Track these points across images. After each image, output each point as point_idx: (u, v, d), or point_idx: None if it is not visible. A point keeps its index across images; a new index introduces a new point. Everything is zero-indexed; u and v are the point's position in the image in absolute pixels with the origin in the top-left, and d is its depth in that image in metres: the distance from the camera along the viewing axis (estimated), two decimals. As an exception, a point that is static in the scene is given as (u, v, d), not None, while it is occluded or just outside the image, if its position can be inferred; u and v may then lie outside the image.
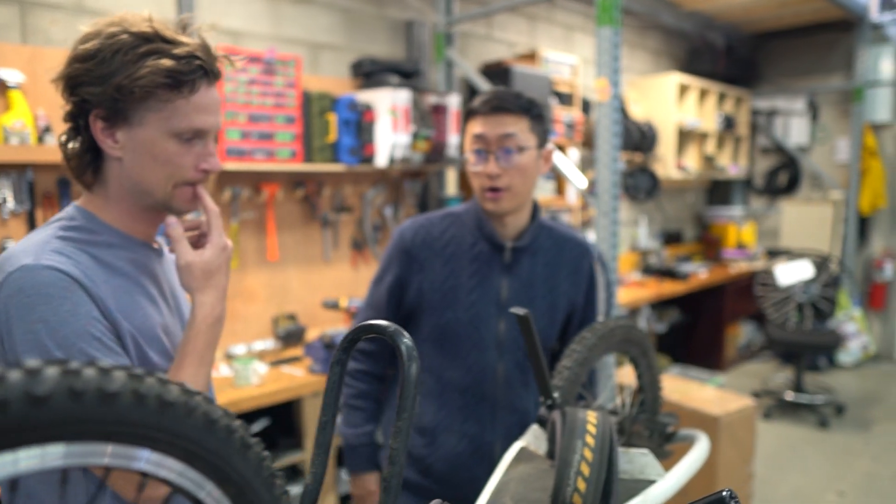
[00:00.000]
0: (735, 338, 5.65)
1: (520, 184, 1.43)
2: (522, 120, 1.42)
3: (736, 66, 5.87)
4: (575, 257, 1.58)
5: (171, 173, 1.01)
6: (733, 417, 2.78)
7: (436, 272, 1.48)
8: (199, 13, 2.93)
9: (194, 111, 0.99)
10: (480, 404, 1.48)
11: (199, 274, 1.03)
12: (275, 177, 3.16)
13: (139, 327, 1.01)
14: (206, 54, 1.00)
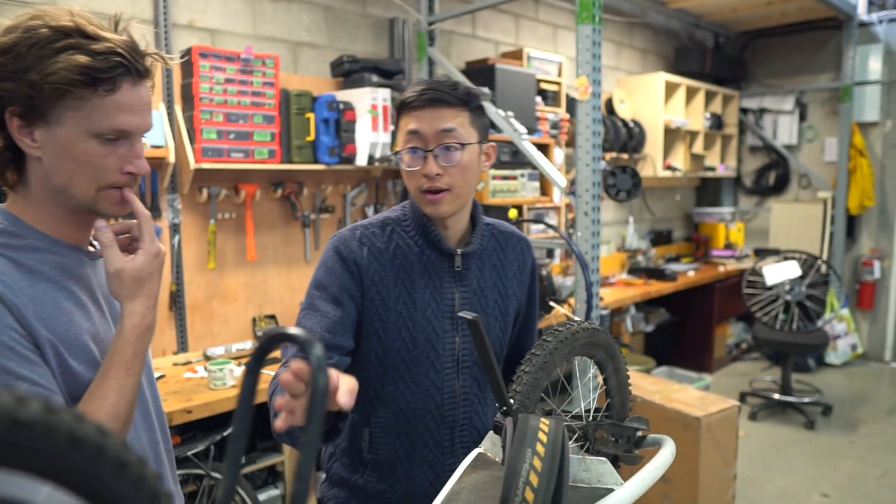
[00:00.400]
0: (724, 338, 5.63)
1: (462, 184, 1.29)
2: (462, 113, 1.28)
3: (724, 65, 5.86)
4: (518, 254, 1.47)
5: (94, 176, 0.96)
6: (714, 419, 2.75)
7: (389, 289, 1.31)
8: (177, 11, 2.90)
9: (116, 110, 0.94)
10: (439, 428, 1.36)
11: (129, 281, 0.98)
12: (253, 176, 3.13)
13: (62, 336, 0.95)
14: (129, 51, 0.94)
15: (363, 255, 1.31)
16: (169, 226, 2.90)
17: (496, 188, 3.82)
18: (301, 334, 0.60)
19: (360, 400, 1.29)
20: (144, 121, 0.99)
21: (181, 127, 2.82)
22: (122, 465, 0.46)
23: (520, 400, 1.18)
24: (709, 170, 5.78)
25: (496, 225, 1.48)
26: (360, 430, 1.36)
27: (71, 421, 0.43)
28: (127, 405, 0.96)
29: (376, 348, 1.32)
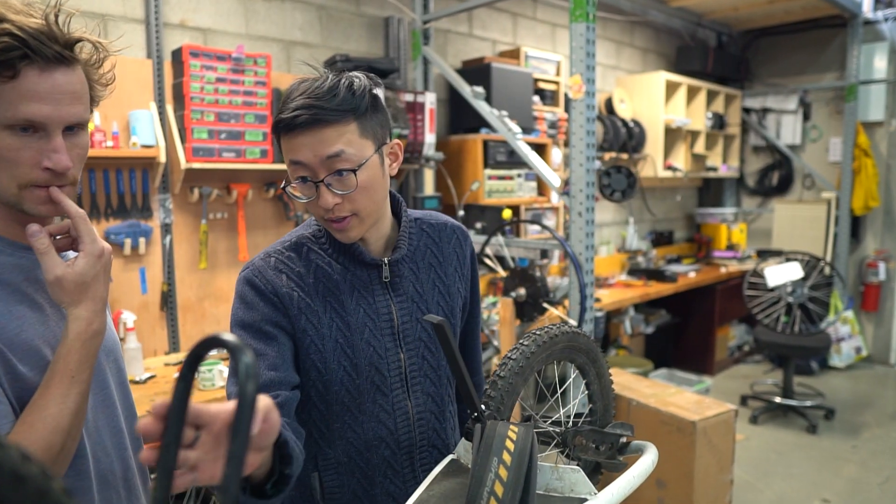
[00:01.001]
0: (725, 340, 5.58)
1: (367, 204, 1.11)
2: (348, 126, 1.07)
3: (726, 64, 5.81)
4: (455, 246, 1.32)
5: (11, 172, 0.91)
6: (710, 423, 2.71)
7: (319, 316, 1.15)
8: (168, 10, 2.88)
9: (21, 99, 0.87)
10: (396, 456, 1.22)
11: (71, 287, 0.93)
12: (245, 176, 3.11)
13: (10, 341, 0.91)
14: (34, 35, 0.87)
15: (282, 283, 1.14)
16: (160, 226, 2.88)
17: (492, 188, 3.78)
18: (231, 340, 0.57)
19: (304, 443, 1.17)
20: (59, 111, 0.91)
21: (172, 126, 2.80)
22: (20, 479, 0.44)
23: (494, 406, 1.14)
24: (711, 170, 5.73)
25: (426, 218, 1.32)
26: (308, 475, 1.20)
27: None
28: (70, 415, 0.90)
29: (317, 383, 1.16)
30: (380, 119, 1.13)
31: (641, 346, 5.30)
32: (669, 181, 5.73)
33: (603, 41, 5.15)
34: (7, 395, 0.89)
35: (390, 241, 1.25)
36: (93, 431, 1.02)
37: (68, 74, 0.92)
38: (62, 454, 0.90)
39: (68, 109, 0.92)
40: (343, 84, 1.07)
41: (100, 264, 0.95)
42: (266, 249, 1.20)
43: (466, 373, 1.01)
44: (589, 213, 2.74)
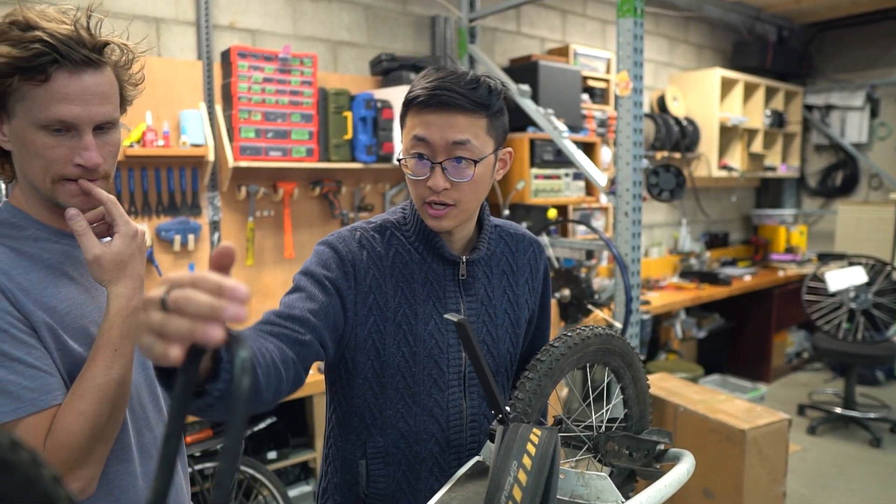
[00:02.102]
0: (783, 346, 5.37)
1: (471, 199, 1.14)
2: (479, 120, 1.09)
3: (787, 59, 5.59)
4: (530, 258, 1.34)
5: (46, 167, 0.97)
6: (762, 432, 2.60)
7: (388, 298, 1.17)
8: (218, 12, 2.94)
9: (53, 100, 0.93)
10: (444, 453, 1.21)
11: (109, 266, 0.99)
12: (291, 174, 3.15)
13: (60, 318, 0.97)
14: (63, 41, 0.92)
15: (362, 259, 1.16)
16: (209, 223, 2.95)
17: (538, 188, 3.73)
18: (232, 332, 0.57)
19: (355, 428, 1.21)
20: (89, 111, 0.96)
21: (221, 126, 2.86)
22: (7, 466, 0.44)
23: (521, 408, 1.12)
24: (769, 170, 5.53)
25: (505, 227, 1.34)
26: (355, 462, 1.21)
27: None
28: (115, 385, 0.96)
29: (375, 365, 1.17)
30: (503, 123, 1.17)
31: (693, 351, 5.15)
32: (724, 181, 5.55)
33: (655, 37, 5.03)
34: (59, 369, 0.96)
35: (470, 242, 1.26)
36: (136, 407, 1.09)
37: (97, 76, 0.97)
38: (110, 423, 0.96)
39: (97, 109, 0.97)
40: (483, 81, 1.11)
41: (134, 244, 1.01)
42: (353, 224, 1.23)
43: (489, 372, 0.98)
44: (636, 213, 2.67)
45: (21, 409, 0.90)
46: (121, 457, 1.04)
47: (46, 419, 0.92)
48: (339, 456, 1.23)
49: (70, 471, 0.92)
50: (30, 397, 0.90)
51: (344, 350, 1.17)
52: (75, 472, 0.93)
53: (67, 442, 0.91)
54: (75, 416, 0.92)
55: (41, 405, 0.91)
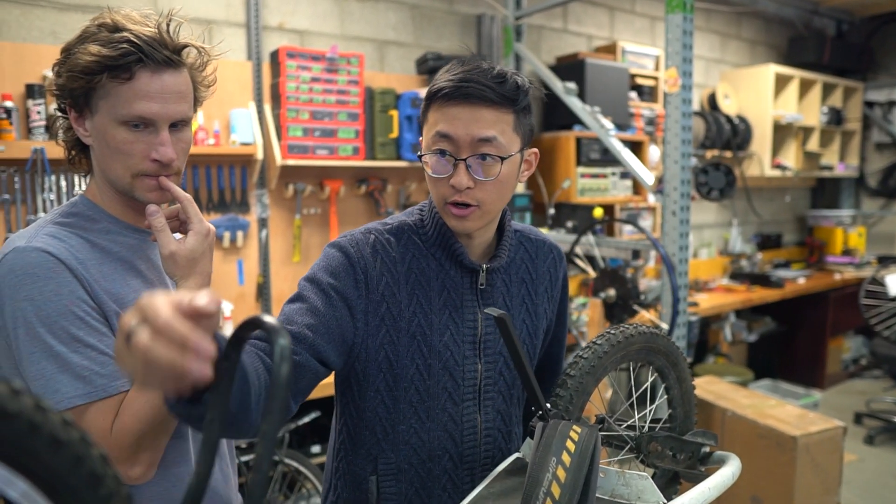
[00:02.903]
0: (838, 352, 5.18)
1: (495, 200, 1.08)
2: (507, 116, 1.03)
3: (846, 54, 5.38)
4: (550, 266, 1.28)
5: (125, 162, 1.02)
6: (814, 439, 2.52)
7: (402, 308, 1.10)
8: (267, 13, 3.00)
9: (135, 98, 0.98)
10: (457, 469, 1.16)
11: (183, 262, 1.04)
12: (337, 173, 3.19)
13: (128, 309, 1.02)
14: (147, 42, 0.98)
15: (375, 265, 1.10)
16: (257, 220, 3.01)
17: (584, 186, 3.70)
18: (270, 321, 0.58)
19: (365, 444, 1.15)
20: (167, 108, 1.01)
21: (269, 125, 2.92)
22: (58, 443, 0.46)
23: (562, 405, 1.11)
24: (825, 169, 5.34)
25: (525, 232, 1.28)
26: (366, 479, 1.15)
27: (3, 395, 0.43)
28: None
29: (387, 377, 1.12)
30: (530, 122, 1.11)
31: (743, 354, 5.01)
32: (778, 181, 5.39)
33: (706, 34, 4.91)
34: None
35: (489, 249, 1.20)
36: None
37: (175, 76, 1.02)
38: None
39: (174, 108, 1.02)
40: (511, 75, 1.05)
41: (206, 242, 1.06)
42: (367, 226, 1.16)
43: (531, 369, 0.98)
44: (683, 213, 2.62)
45: (93, 394, 0.94)
46: (178, 445, 1.09)
47: (114, 404, 0.96)
48: (349, 471, 1.18)
49: (133, 455, 0.96)
50: (101, 383, 0.95)
51: (354, 361, 1.11)
52: (138, 457, 0.96)
53: (132, 427, 0.95)
54: (140, 403, 0.96)
55: (111, 391, 0.96)
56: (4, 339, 0.97)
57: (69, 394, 0.93)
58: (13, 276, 0.95)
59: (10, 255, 0.96)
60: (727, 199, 3.10)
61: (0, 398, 0.43)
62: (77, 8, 2.54)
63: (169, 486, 1.06)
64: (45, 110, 2.37)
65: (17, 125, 2.35)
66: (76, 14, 2.54)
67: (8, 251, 0.97)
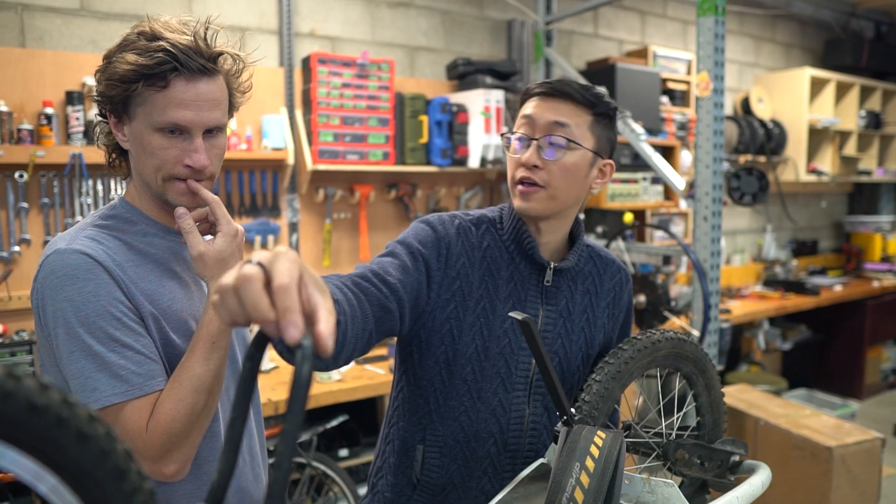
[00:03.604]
0: (877, 362, 5.04)
1: (561, 185, 1.17)
2: (583, 114, 1.17)
3: (885, 57, 5.25)
4: (615, 285, 1.33)
5: (158, 166, 1.04)
6: (851, 451, 2.46)
7: (472, 288, 1.19)
8: (299, 20, 3.04)
9: (170, 105, 1.00)
10: (500, 455, 1.21)
11: (212, 263, 1.05)
12: (368, 177, 3.22)
13: (164, 310, 1.05)
14: (183, 50, 1.00)
15: (457, 245, 1.20)
16: (288, 224, 3.05)
17: (615, 192, 3.67)
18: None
19: (418, 412, 1.22)
20: (201, 116, 1.03)
21: (300, 130, 2.96)
22: (84, 437, 0.47)
23: (587, 411, 1.10)
24: (864, 174, 5.21)
25: (597, 249, 1.35)
26: (413, 446, 1.22)
27: (31, 389, 0.45)
28: (212, 375, 1.02)
29: (448, 350, 1.18)
30: (609, 135, 1.22)
31: (778, 363, 4.91)
32: (813, 186, 5.27)
33: (740, 37, 4.84)
34: (161, 356, 1.03)
35: (560, 253, 1.28)
36: (225, 399, 1.15)
37: (210, 84, 1.04)
38: (205, 411, 1.02)
39: (209, 115, 1.04)
40: (599, 90, 1.20)
41: (235, 243, 1.08)
42: (451, 213, 1.27)
43: (555, 374, 0.98)
44: (715, 218, 2.58)
45: (129, 392, 0.97)
46: (210, 444, 1.11)
47: (150, 403, 0.98)
48: (399, 437, 1.25)
49: (167, 453, 0.98)
50: (137, 381, 0.98)
51: (420, 328, 1.19)
52: (172, 455, 0.98)
53: (167, 426, 0.97)
54: (175, 402, 0.98)
55: (146, 389, 0.98)
56: (46, 338, 1.00)
57: (106, 392, 0.95)
58: (54, 277, 0.98)
59: (52, 256, 1.00)
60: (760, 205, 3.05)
61: (29, 393, 0.45)
62: (116, 17, 2.61)
63: (201, 485, 1.09)
64: (83, 116, 2.44)
65: (57, 131, 2.42)
66: (115, 23, 2.61)
67: (50, 253, 1.01)
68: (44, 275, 1.00)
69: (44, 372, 1.04)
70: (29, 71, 2.40)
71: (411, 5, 3.38)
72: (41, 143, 2.37)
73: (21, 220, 2.40)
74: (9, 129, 2.32)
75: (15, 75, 2.38)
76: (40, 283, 1.00)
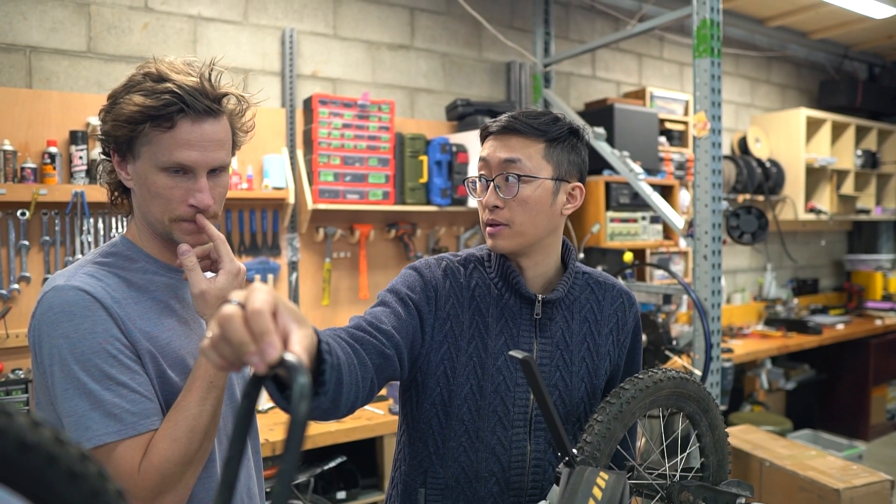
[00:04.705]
0: (883, 402, 4.99)
1: (524, 220, 1.17)
2: (535, 144, 1.17)
3: (879, 97, 5.34)
4: (617, 309, 1.31)
5: (164, 207, 1.05)
6: (860, 493, 2.41)
7: (463, 328, 1.20)
8: (301, 62, 3.10)
9: (175, 146, 1.01)
10: (504, 494, 1.20)
11: (213, 301, 1.05)
12: (368, 217, 3.23)
13: (162, 348, 1.05)
14: (189, 92, 1.01)
15: (445, 287, 1.22)
16: (287, 263, 3.05)
17: (614, 231, 3.68)
18: (290, 359, 0.59)
19: (418, 455, 1.23)
20: (206, 156, 1.04)
21: (301, 170, 2.98)
22: (75, 476, 0.46)
23: (589, 451, 1.08)
24: (862, 212, 5.24)
25: (594, 275, 1.33)
26: (416, 490, 1.22)
27: (23, 426, 0.44)
28: (209, 416, 1.01)
29: (444, 392, 1.20)
30: (571, 158, 1.21)
31: (781, 403, 4.86)
32: (813, 225, 5.30)
33: (735, 78, 4.92)
34: (158, 395, 1.02)
35: (551, 284, 1.27)
36: (223, 439, 1.14)
37: (215, 125, 1.06)
38: (200, 452, 1.01)
39: (213, 155, 1.05)
40: (551, 115, 1.21)
41: (236, 281, 1.08)
42: (438, 255, 1.29)
43: (556, 413, 0.96)
44: (715, 257, 2.58)
45: (122, 432, 0.95)
46: (207, 485, 1.09)
47: (143, 442, 0.97)
48: (402, 480, 1.25)
49: (160, 494, 0.96)
50: (131, 421, 0.96)
51: (417, 372, 1.21)
52: (165, 496, 0.97)
53: (160, 466, 0.95)
54: (169, 442, 0.97)
55: (140, 429, 0.97)
56: (42, 374, 0.99)
57: (99, 431, 0.94)
58: (51, 313, 0.98)
59: (50, 293, 1.00)
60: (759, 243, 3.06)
61: (20, 430, 0.44)
62: (121, 59, 2.66)
63: None
64: (87, 155, 2.47)
65: (60, 170, 2.44)
66: (121, 64, 2.66)
67: (48, 289, 1.01)
68: (41, 311, 0.99)
69: (39, 409, 1.03)
70: (35, 111, 2.44)
71: (411, 48, 3.44)
72: (44, 182, 2.39)
73: (21, 257, 2.40)
74: (13, 168, 2.34)
75: (21, 115, 2.41)
76: (38, 320, 0.99)
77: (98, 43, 2.62)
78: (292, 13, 3.07)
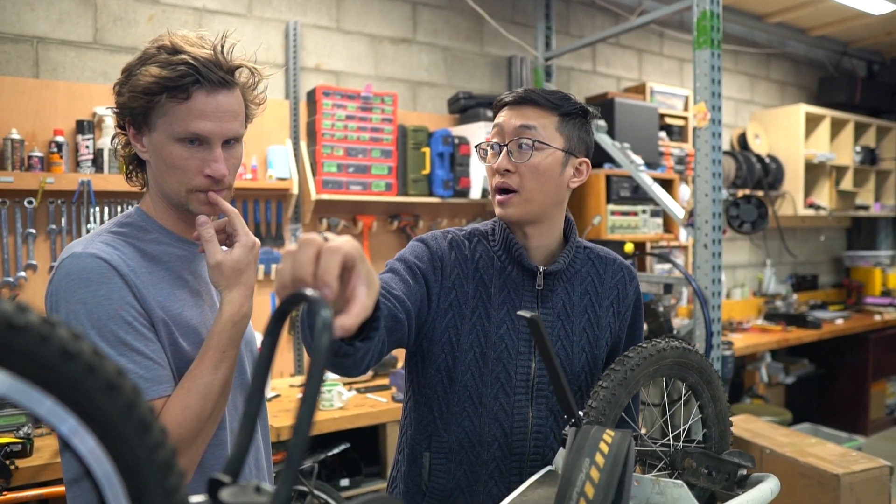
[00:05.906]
0: (882, 396, 5.01)
1: (534, 187, 1.20)
2: (549, 116, 1.21)
3: (878, 94, 5.37)
4: (618, 282, 1.34)
5: (180, 178, 1.07)
6: (859, 478, 2.43)
7: (468, 297, 1.24)
8: (305, 55, 3.12)
9: (191, 116, 1.03)
10: (506, 459, 1.23)
11: (228, 272, 1.07)
12: (370, 208, 3.25)
13: (175, 317, 1.07)
14: (204, 63, 1.03)
15: (450, 258, 1.25)
16: (291, 254, 3.07)
17: (615, 224, 3.70)
18: (312, 294, 0.61)
19: (423, 420, 1.26)
20: (221, 126, 1.06)
21: (305, 161, 3.00)
22: (113, 388, 0.48)
23: (594, 416, 1.11)
24: (861, 208, 5.27)
25: (595, 249, 1.37)
26: (421, 454, 1.27)
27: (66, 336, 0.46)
28: (219, 385, 1.04)
29: (448, 358, 1.24)
30: (581, 135, 1.26)
31: (781, 397, 4.88)
32: (812, 220, 5.32)
33: (735, 75, 4.95)
34: (170, 363, 1.04)
35: (552, 256, 1.30)
36: (231, 409, 1.17)
37: (229, 96, 1.08)
38: (211, 419, 1.03)
39: (228, 125, 1.07)
40: (565, 93, 1.25)
41: (251, 254, 1.10)
42: (444, 229, 1.32)
43: (563, 375, 0.98)
44: (715, 246, 2.60)
45: None
46: (217, 452, 1.11)
47: (156, 408, 0.99)
48: (409, 445, 1.29)
49: None
50: (144, 386, 0.98)
51: (422, 339, 1.24)
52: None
53: (172, 432, 0.97)
54: (181, 409, 0.99)
55: (153, 395, 0.99)
56: None
57: None
58: (69, 279, 1.00)
59: (68, 260, 1.02)
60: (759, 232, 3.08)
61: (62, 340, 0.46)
62: (127, 50, 2.68)
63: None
64: (93, 145, 2.49)
65: (67, 158, 2.46)
66: (126, 55, 2.67)
67: (66, 256, 1.03)
68: (59, 277, 1.01)
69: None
70: (42, 101, 2.46)
71: (413, 42, 3.47)
72: (51, 171, 2.41)
73: (28, 245, 2.43)
74: (20, 157, 2.36)
75: (28, 105, 2.43)
76: (55, 286, 1.01)
77: (104, 34, 2.64)
78: (296, 6, 3.10)
